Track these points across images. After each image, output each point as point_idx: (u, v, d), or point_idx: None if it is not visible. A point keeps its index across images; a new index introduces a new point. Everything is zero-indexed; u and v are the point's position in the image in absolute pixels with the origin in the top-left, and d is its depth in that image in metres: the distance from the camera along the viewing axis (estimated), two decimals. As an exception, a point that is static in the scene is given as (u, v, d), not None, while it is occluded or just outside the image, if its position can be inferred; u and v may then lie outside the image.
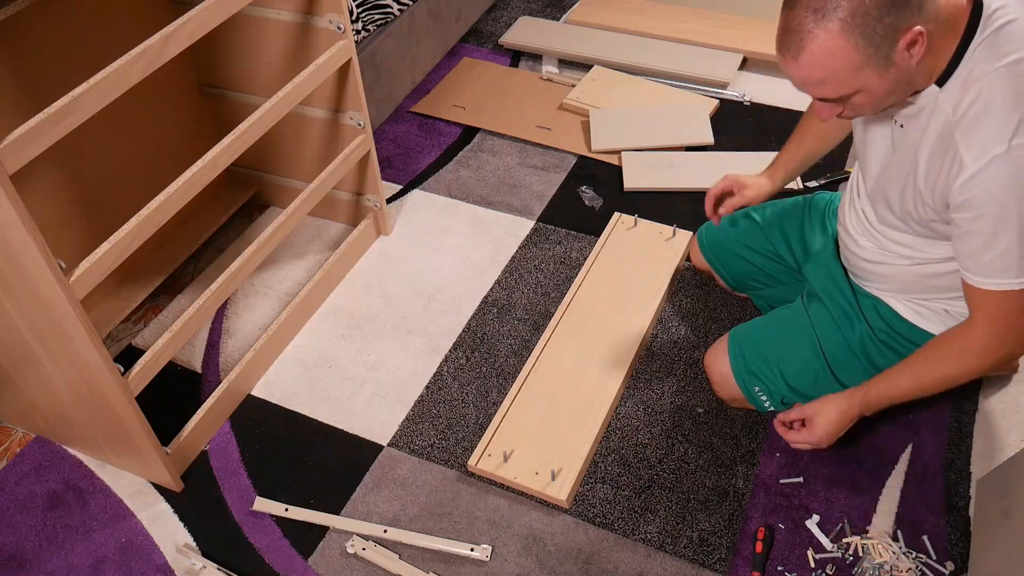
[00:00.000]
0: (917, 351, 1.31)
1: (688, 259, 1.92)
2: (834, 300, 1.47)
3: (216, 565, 1.42)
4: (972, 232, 1.12)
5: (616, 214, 2.04)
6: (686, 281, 1.90)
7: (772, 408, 1.51)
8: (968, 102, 1.07)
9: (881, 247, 1.36)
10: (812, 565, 1.39)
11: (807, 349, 1.46)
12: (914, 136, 1.18)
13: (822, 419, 1.34)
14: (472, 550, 1.43)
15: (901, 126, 1.21)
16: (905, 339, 1.41)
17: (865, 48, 1.01)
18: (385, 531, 1.46)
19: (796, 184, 2.10)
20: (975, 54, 1.07)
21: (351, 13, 2.17)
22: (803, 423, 1.39)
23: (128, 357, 1.78)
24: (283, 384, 1.74)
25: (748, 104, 2.41)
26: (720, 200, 1.62)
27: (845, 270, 1.50)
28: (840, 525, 1.44)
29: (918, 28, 1.01)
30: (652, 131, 2.29)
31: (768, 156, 2.22)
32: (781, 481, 1.51)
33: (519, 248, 2.02)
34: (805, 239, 1.61)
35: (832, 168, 2.12)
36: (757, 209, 1.70)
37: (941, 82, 1.10)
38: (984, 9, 1.07)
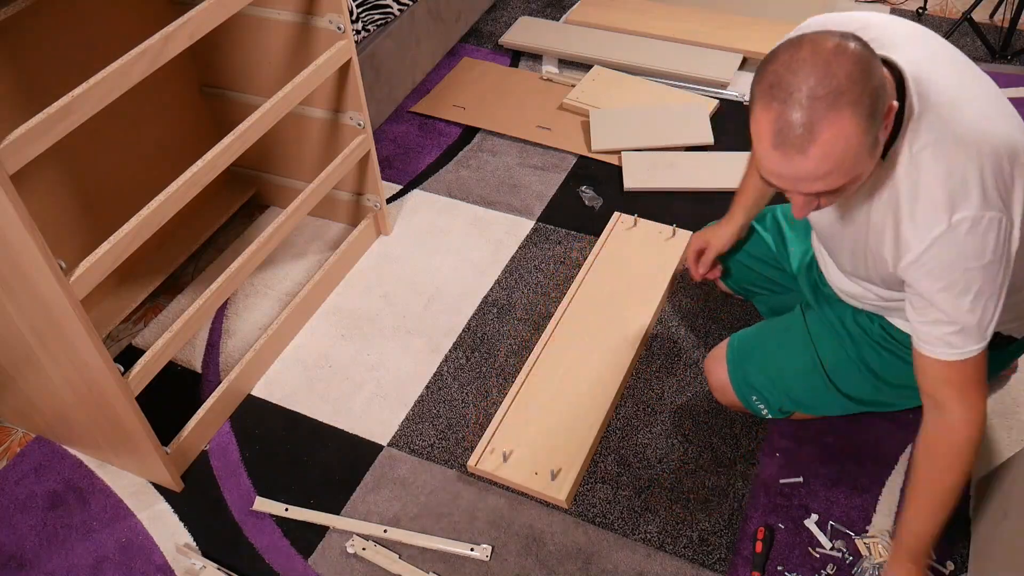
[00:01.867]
0: (913, 484, 1.23)
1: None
2: (828, 310, 1.47)
3: (216, 565, 1.42)
4: (926, 309, 1.13)
5: (616, 214, 2.04)
6: (686, 281, 1.90)
7: (770, 416, 1.51)
8: (906, 177, 1.08)
9: (854, 287, 1.36)
10: (812, 565, 1.39)
11: (805, 360, 1.44)
12: (857, 206, 1.18)
13: None
14: (472, 550, 1.43)
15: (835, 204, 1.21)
16: (904, 344, 1.41)
17: (870, 129, 0.98)
18: (385, 531, 1.46)
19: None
20: (914, 128, 1.07)
21: (351, 13, 2.17)
22: None
23: (128, 357, 1.78)
24: (283, 384, 1.74)
25: (748, 104, 2.41)
26: (699, 258, 1.65)
27: None
28: (840, 525, 1.45)
29: (893, 102, 1.01)
30: (652, 131, 2.29)
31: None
32: (781, 481, 1.51)
33: (519, 248, 2.02)
34: (800, 249, 1.61)
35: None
36: (759, 219, 1.69)
37: (883, 155, 1.10)
38: (905, 79, 1.07)
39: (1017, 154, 1.10)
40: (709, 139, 2.26)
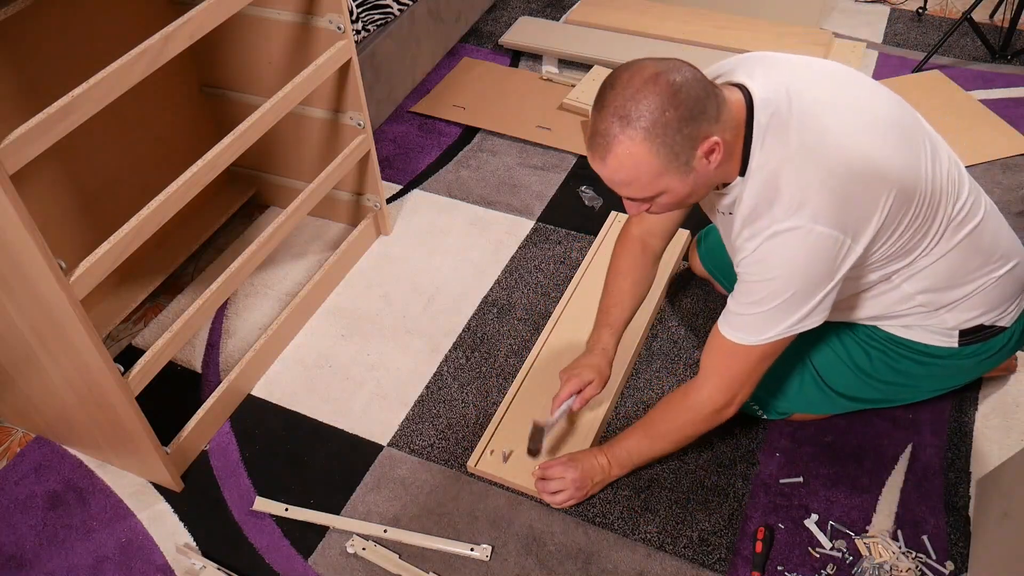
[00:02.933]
0: (647, 421, 1.40)
1: (686, 262, 1.92)
2: None
3: (216, 565, 1.42)
4: (741, 293, 1.23)
5: (612, 213, 2.04)
6: (686, 281, 1.90)
7: (766, 417, 1.52)
8: (756, 193, 1.16)
9: None
10: (812, 565, 1.39)
11: (796, 361, 1.47)
12: (728, 223, 1.25)
13: (567, 479, 1.44)
14: (472, 550, 1.43)
15: (730, 214, 1.27)
16: (890, 343, 1.42)
17: (666, 156, 1.08)
18: (385, 531, 1.46)
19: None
20: (760, 145, 1.14)
21: (351, 13, 2.17)
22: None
23: (128, 357, 1.78)
24: (283, 384, 1.74)
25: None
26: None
27: None
28: (840, 525, 1.45)
29: (715, 138, 1.09)
30: (652, 131, 2.29)
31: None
32: (781, 481, 1.51)
33: (519, 248, 2.02)
34: None
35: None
36: None
37: (743, 171, 1.18)
38: (754, 101, 1.15)
39: (881, 177, 1.13)
40: (709, 139, 2.26)
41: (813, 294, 1.17)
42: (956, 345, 1.38)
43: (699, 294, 1.87)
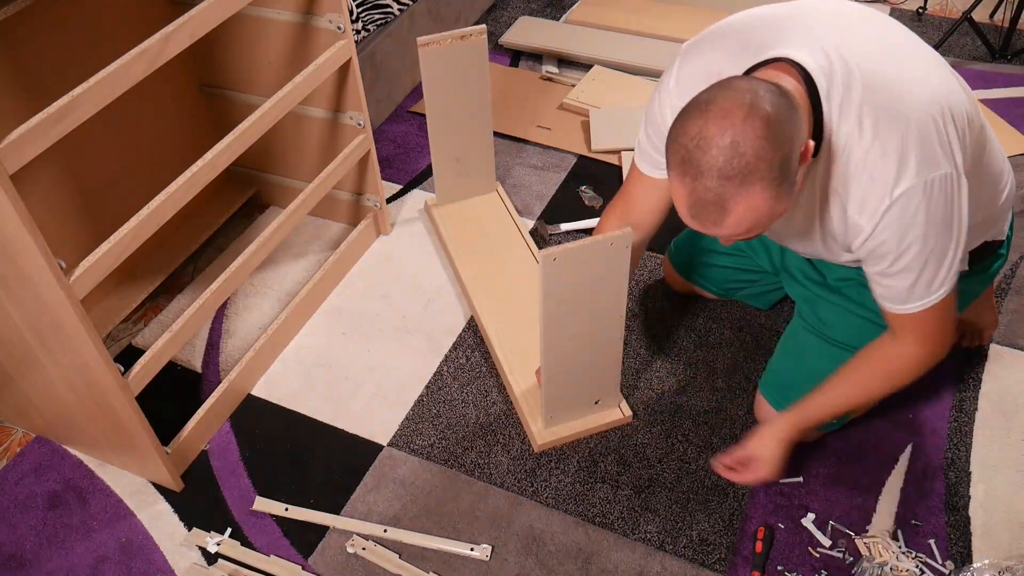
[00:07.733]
0: (841, 372, 1.32)
1: (664, 279, 1.90)
2: (814, 289, 1.47)
3: (232, 541, 1.43)
4: (888, 276, 1.18)
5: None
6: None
7: (837, 426, 1.52)
8: (841, 163, 1.11)
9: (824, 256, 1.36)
10: (812, 565, 1.39)
11: (826, 351, 1.43)
12: (796, 204, 1.19)
13: (766, 454, 1.34)
14: (472, 550, 1.43)
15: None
16: None
17: (782, 189, 1.02)
18: (385, 531, 1.46)
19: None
20: (836, 117, 1.09)
21: (351, 13, 2.17)
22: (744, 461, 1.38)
23: (128, 357, 1.78)
24: (283, 384, 1.74)
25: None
26: None
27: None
28: (840, 525, 1.45)
29: (808, 142, 1.05)
30: (652, 131, 2.29)
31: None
32: (781, 481, 1.51)
33: (519, 248, 2.02)
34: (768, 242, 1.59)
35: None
36: None
37: (816, 151, 1.12)
38: (812, 75, 1.08)
39: (946, 109, 1.11)
40: (709, 139, 2.25)
41: (947, 235, 1.13)
42: (966, 267, 1.34)
43: (698, 295, 1.87)
